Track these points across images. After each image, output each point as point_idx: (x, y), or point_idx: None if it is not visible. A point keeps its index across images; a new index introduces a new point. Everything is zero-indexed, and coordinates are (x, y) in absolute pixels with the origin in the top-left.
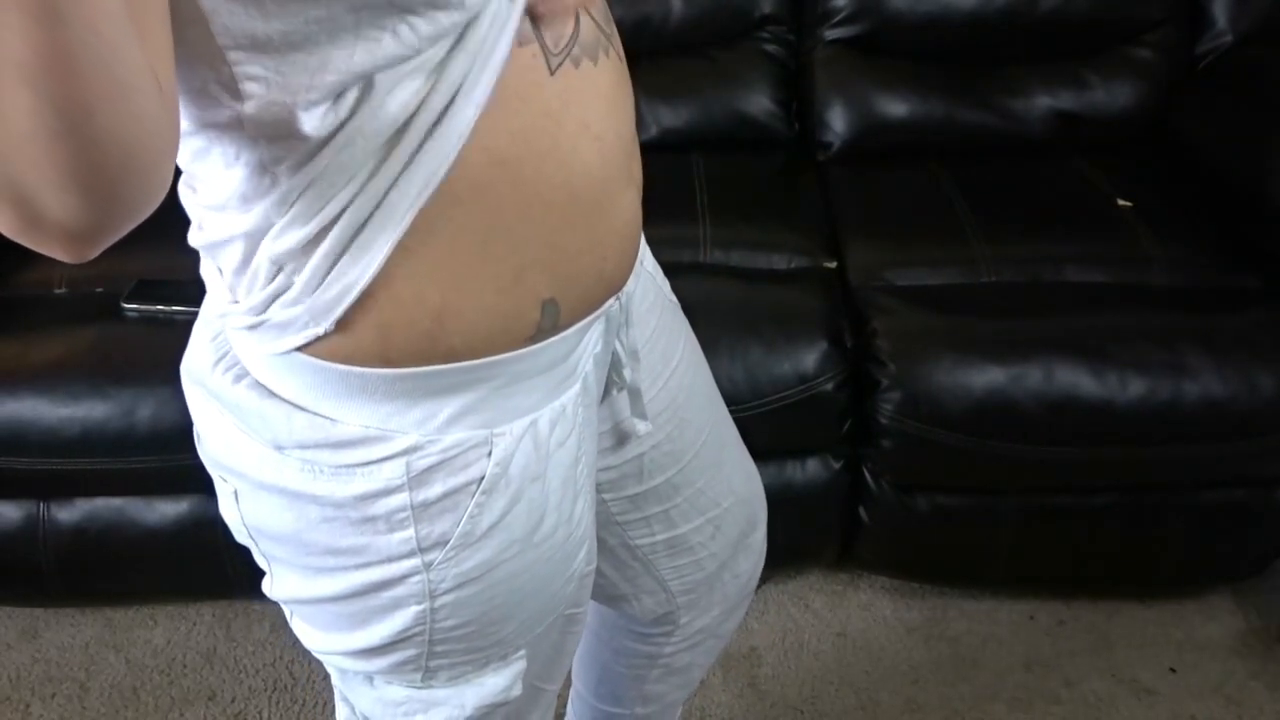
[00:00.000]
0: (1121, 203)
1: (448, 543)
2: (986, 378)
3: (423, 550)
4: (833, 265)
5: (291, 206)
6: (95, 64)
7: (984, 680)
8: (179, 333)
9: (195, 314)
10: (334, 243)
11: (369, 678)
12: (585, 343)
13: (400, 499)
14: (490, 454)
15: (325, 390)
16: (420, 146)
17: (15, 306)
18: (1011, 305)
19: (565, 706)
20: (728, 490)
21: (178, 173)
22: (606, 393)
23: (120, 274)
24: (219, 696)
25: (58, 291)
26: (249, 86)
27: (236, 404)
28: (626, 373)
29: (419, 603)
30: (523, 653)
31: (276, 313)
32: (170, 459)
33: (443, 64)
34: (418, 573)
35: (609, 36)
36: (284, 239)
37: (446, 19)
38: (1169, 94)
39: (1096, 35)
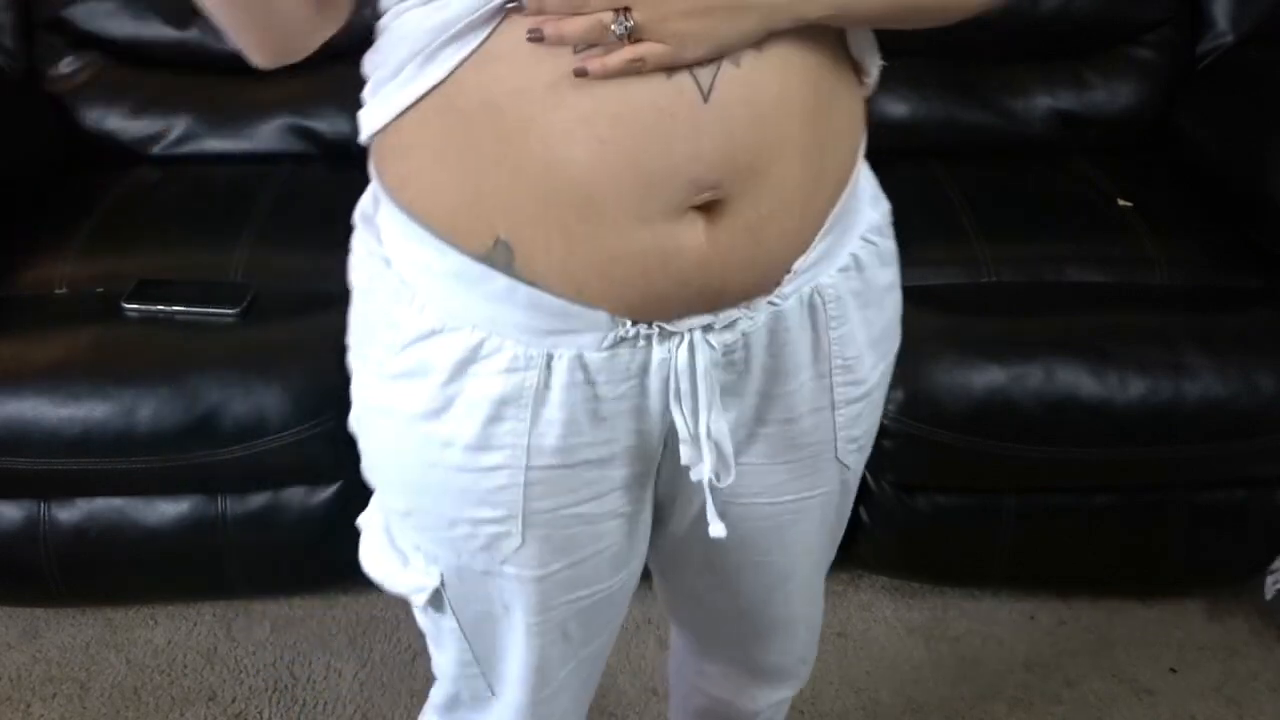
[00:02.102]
0: (1122, 203)
1: (363, 357)
2: (986, 378)
3: (356, 352)
4: None
5: (380, 39)
6: None
7: (984, 680)
8: (179, 333)
9: (195, 314)
10: (391, 71)
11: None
12: (598, 342)
13: (390, 284)
14: (434, 328)
15: (376, 206)
16: (442, 50)
17: (15, 306)
18: (1011, 305)
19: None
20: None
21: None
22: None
23: (120, 274)
24: (219, 696)
25: (58, 291)
26: None
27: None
28: (683, 449)
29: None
30: (437, 570)
31: (369, 92)
32: (170, 459)
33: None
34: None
35: (705, 68)
36: (375, 57)
37: None
38: (1169, 94)
39: (1097, 35)
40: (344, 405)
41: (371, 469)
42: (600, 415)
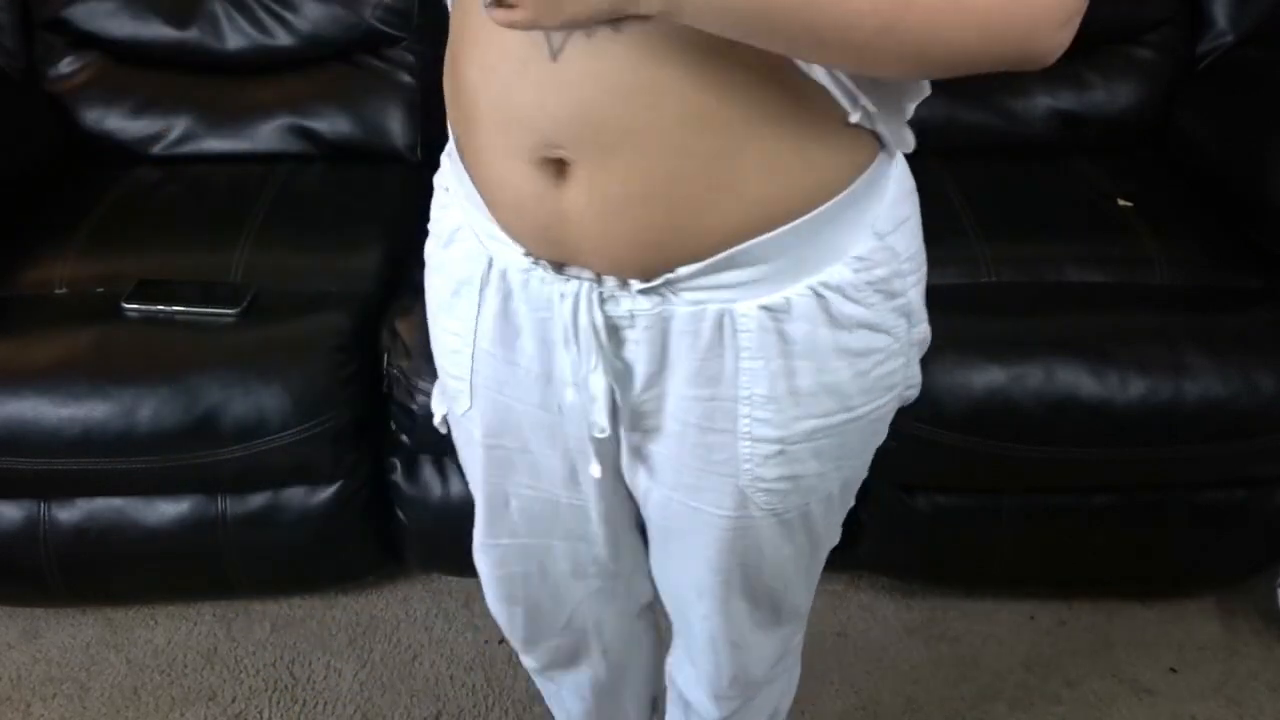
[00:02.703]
0: (1122, 203)
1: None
2: (986, 378)
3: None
4: None
5: None
6: None
7: (984, 680)
8: (179, 333)
9: (195, 314)
10: None
11: None
12: (518, 262)
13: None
14: (448, 199)
15: None
16: None
17: (15, 306)
18: (1011, 305)
19: None
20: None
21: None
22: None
23: (120, 274)
24: (219, 696)
25: (58, 291)
26: None
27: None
28: (566, 389)
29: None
30: (445, 403)
31: None
32: (170, 459)
33: None
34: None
35: (559, 31)
36: None
37: None
38: (1169, 94)
39: (1097, 35)
40: (344, 405)
41: None
42: (519, 328)
